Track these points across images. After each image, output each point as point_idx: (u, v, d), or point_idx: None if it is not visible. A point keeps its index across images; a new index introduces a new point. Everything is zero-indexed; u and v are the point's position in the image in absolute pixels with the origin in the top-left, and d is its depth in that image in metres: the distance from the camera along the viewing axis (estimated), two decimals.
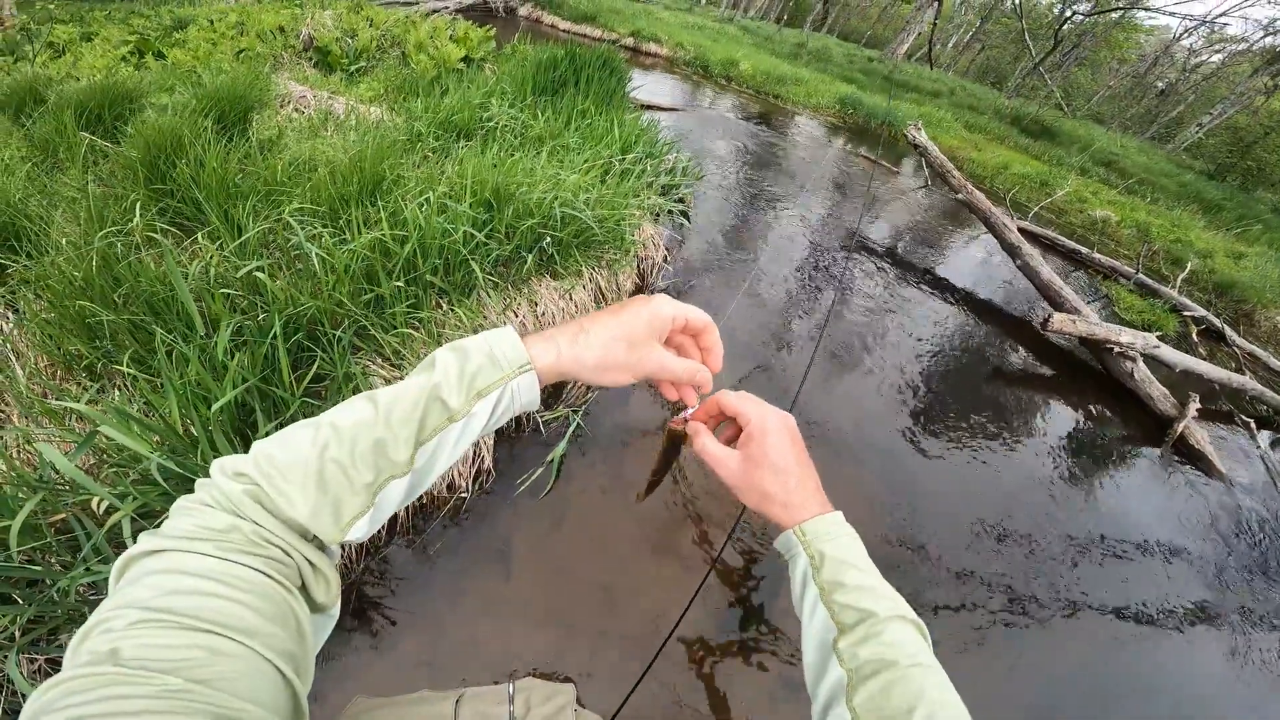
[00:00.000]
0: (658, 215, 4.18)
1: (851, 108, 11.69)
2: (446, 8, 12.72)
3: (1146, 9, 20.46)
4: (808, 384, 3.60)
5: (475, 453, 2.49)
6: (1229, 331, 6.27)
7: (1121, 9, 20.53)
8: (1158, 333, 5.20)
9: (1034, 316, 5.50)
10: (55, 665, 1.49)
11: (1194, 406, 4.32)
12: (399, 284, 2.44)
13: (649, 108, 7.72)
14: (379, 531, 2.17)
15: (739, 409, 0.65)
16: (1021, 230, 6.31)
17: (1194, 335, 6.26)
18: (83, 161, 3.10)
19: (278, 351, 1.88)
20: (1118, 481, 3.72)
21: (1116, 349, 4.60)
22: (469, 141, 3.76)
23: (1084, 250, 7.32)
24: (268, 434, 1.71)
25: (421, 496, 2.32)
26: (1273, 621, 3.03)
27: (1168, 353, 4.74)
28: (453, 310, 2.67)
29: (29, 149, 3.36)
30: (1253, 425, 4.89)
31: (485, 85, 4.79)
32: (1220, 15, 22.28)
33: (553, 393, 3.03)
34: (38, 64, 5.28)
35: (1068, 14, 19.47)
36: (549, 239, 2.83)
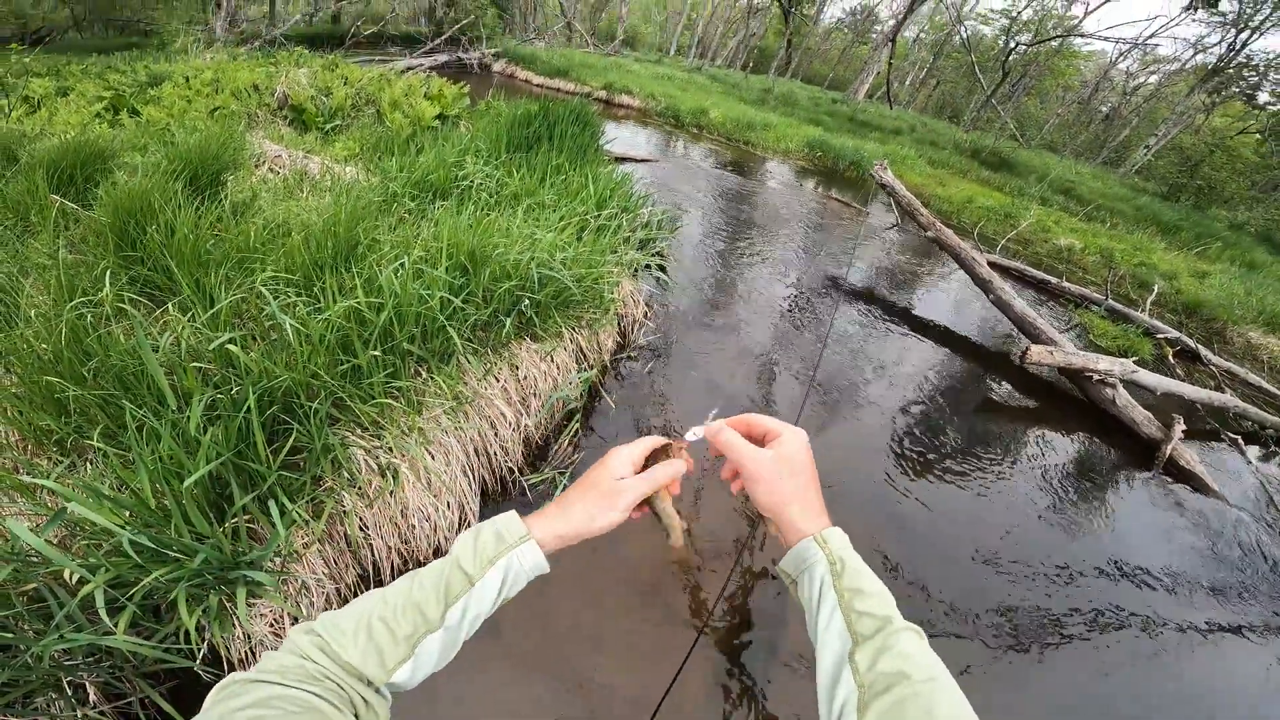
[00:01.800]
0: (636, 271, 4.19)
1: (820, 150, 12.09)
2: (422, 65, 13.02)
3: (1081, 35, 21.81)
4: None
5: (462, 516, 2.44)
6: (1204, 351, 6.41)
7: (1059, 37, 21.84)
8: (1134, 357, 5.30)
9: (1012, 349, 5.60)
10: None
11: (1179, 428, 4.35)
12: (376, 353, 2.36)
13: (623, 160, 7.88)
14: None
15: (769, 424, 0.75)
16: (991, 264, 6.46)
17: (1170, 357, 6.38)
18: (54, 225, 3.02)
19: (252, 426, 1.82)
20: (1112, 507, 3.72)
21: (1096, 377, 4.65)
22: (445, 201, 3.75)
23: (1053, 280, 7.52)
24: (244, 508, 1.63)
25: (406, 558, 2.27)
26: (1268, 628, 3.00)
27: (1146, 377, 4.81)
28: (432, 378, 2.60)
29: (1, 210, 3.28)
30: (1240, 441, 4.95)
31: (460, 143, 4.83)
32: (1150, 37, 23.80)
33: (538, 454, 2.96)
34: (13, 119, 5.21)
35: (1012, 45, 20.62)
36: (527, 302, 2.78)
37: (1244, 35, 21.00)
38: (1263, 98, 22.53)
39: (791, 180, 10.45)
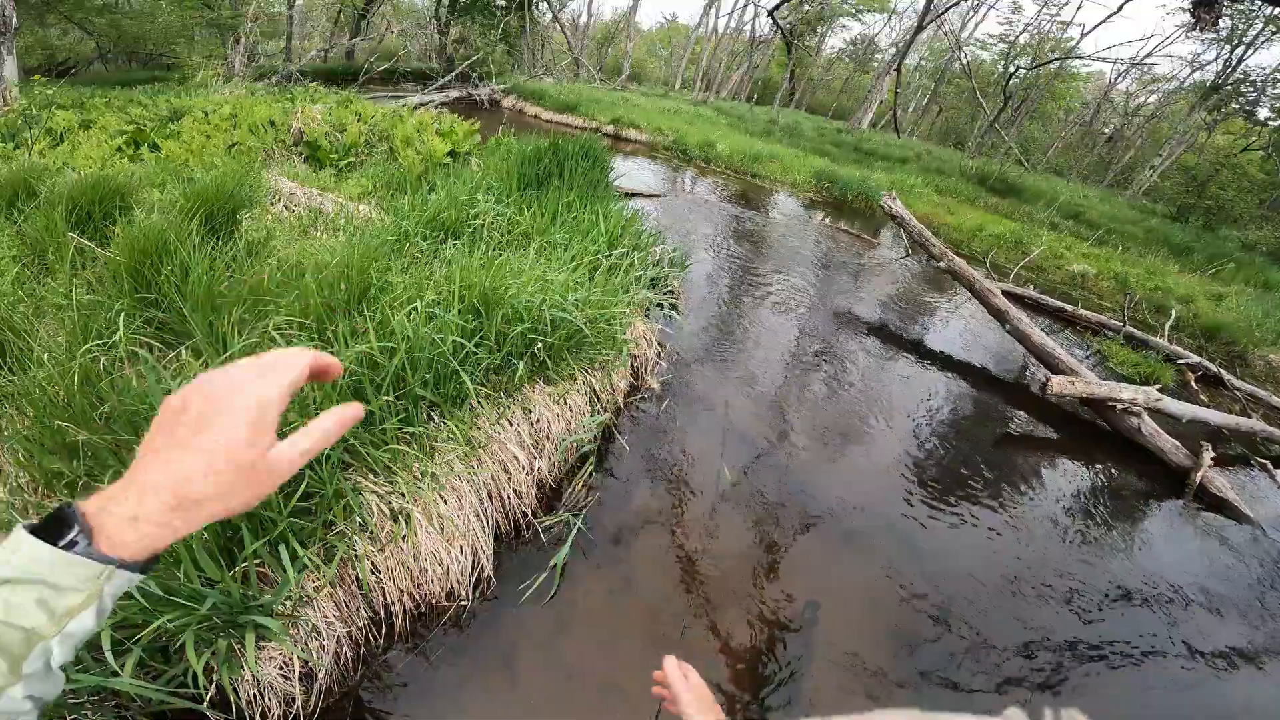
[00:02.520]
0: (648, 310, 4.16)
1: (828, 181, 12.16)
2: (433, 101, 13.33)
3: (1079, 57, 22.06)
4: (814, 469, 3.47)
5: (475, 560, 2.42)
6: (1226, 376, 6.26)
7: (1057, 59, 22.07)
8: (1157, 385, 5.16)
9: (1030, 380, 5.49)
10: None
11: (1209, 455, 4.23)
12: (389, 398, 2.34)
13: (632, 195, 7.95)
14: (377, 637, 2.13)
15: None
16: (1005, 293, 6.39)
17: (1192, 383, 6.24)
18: (70, 265, 3.03)
19: None
20: (1145, 537, 3.61)
21: (1120, 406, 4.53)
22: (456, 240, 3.76)
23: (1068, 308, 7.43)
24: (254, 553, 1.62)
25: (419, 603, 2.25)
26: None
27: (1171, 404, 4.69)
28: (444, 423, 2.56)
29: (20, 247, 3.30)
30: (1269, 466, 4.80)
31: (471, 180, 4.87)
32: (1147, 56, 23.97)
33: (552, 496, 2.90)
34: (35, 151, 5.31)
35: (1011, 69, 20.86)
36: (540, 344, 2.75)
37: (1239, 51, 21.16)
38: (1263, 113, 22.58)
39: (800, 212, 10.50)
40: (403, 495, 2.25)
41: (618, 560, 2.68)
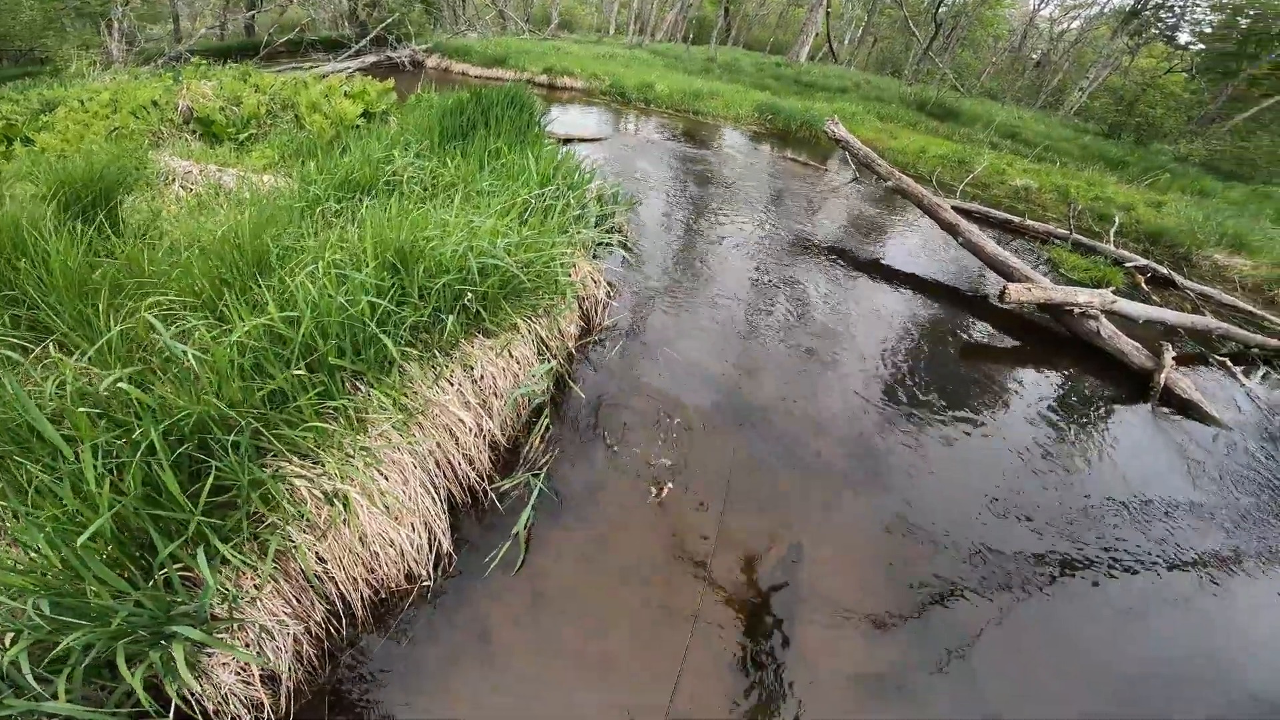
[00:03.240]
0: (595, 251, 3.91)
1: (770, 113, 11.86)
2: (348, 69, 12.36)
3: None
4: (782, 398, 3.35)
5: (430, 537, 2.27)
6: (1176, 276, 6.41)
7: None
8: (1110, 287, 5.22)
9: (987, 291, 5.49)
10: None
11: (1170, 355, 4.27)
12: (299, 373, 2.07)
13: (570, 140, 7.53)
14: (339, 629, 2.01)
15: None
16: (955, 208, 6.33)
17: (1143, 285, 6.37)
18: None
19: (161, 468, 1.65)
20: (1114, 442, 3.61)
21: (1077, 310, 4.54)
22: (372, 199, 3.41)
23: (1016, 219, 7.47)
24: (172, 556, 1.61)
25: (377, 588, 2.14)
26: None
27: (1127, 305, 4.72)
28: (372, 391, 2.31)
29: None
30: (1229, 363, 4.90)
31: (388, 138, 4.45)
32: None
33: (508, 458, 2.71)
34: None
35: None
36: (470, 295, 2.49)
37: None
38: (1183, 38, 23.07)
39: (746, 145, 10.22)
40: (335, 476, 2.04)
41: (587, 518, 2.53)
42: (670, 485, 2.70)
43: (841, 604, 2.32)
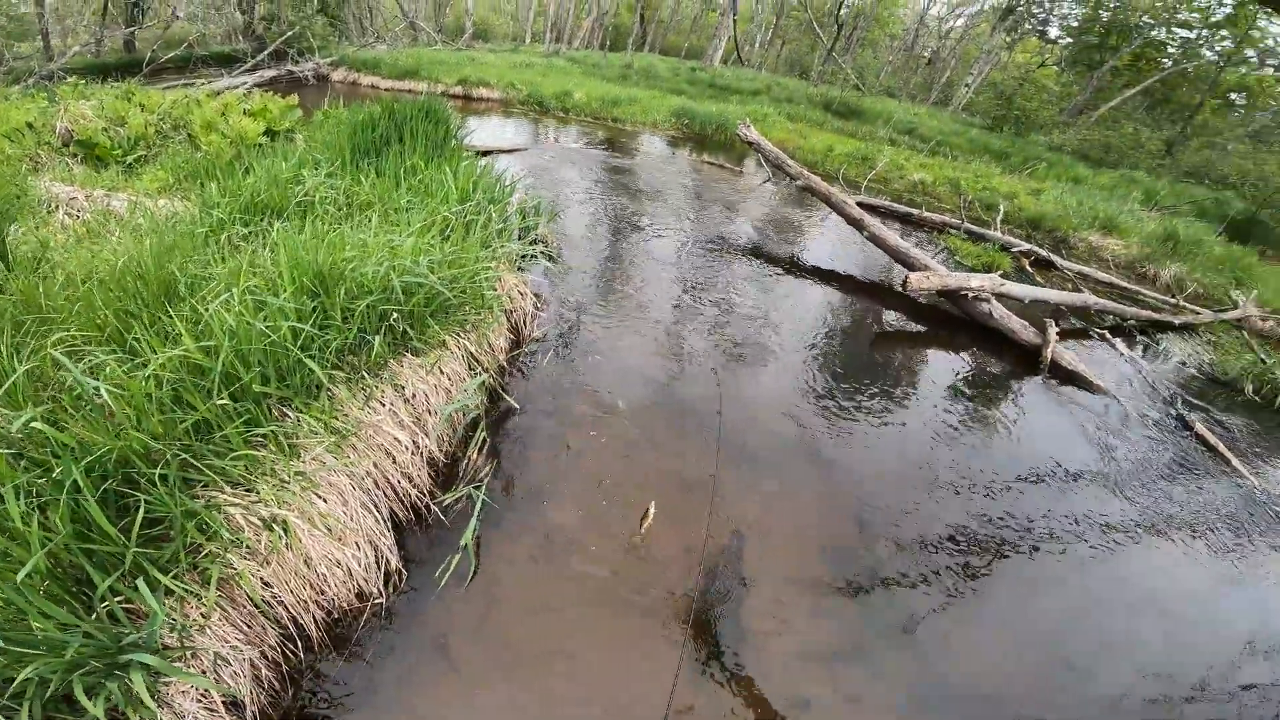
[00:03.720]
0: (520, 264, 3.96)
1: (687, 118, 12.21)
2: (244, 84, 11.69)
3: None
4: (709, 394, 3.53)
5: (378, 555, 2.28)
6: (1056, 258, 7.15)
7: None
8: (999, 271, 5.78)
9: (894, 280, 5.94)
10: None
11: (1053, 330, 4.77)
12: (223, 402, 2.04)
13: (489, 152, 7.50)
14: (296, 652, 2.00)
15: None
16: (860, 204, 6.80)
17: (1027, 267, 7.07)
18: None
19: (87, 505, 1.64)
20: (1017, 417, 3.99)
21: (971, 294, 5.01)
22: (284, 221, 3.32)
23: (915, 212, 8.09)
24: (113, 589, 1.63)
25: (329, 609, 2.12)
26: (1186, 519, 3.34)
27: (1014, 288, 5.25)
28: (302, 416, 2.28)
29: None
30: (1108, 335, 5.55)
31: (294, 156, 4.32)
32: None
33: (447, 473, 2.73)
34: None
35: None
36: (395, 315, 2.50)
37: None
38: (1053, 32, 25.60)
39: (665, 151, 10.50)
40: (271, 502, 2.03)
41: (532, 525, 2.59)
42: (609, 480, 2.81)
43: (783, 578, 2.50)
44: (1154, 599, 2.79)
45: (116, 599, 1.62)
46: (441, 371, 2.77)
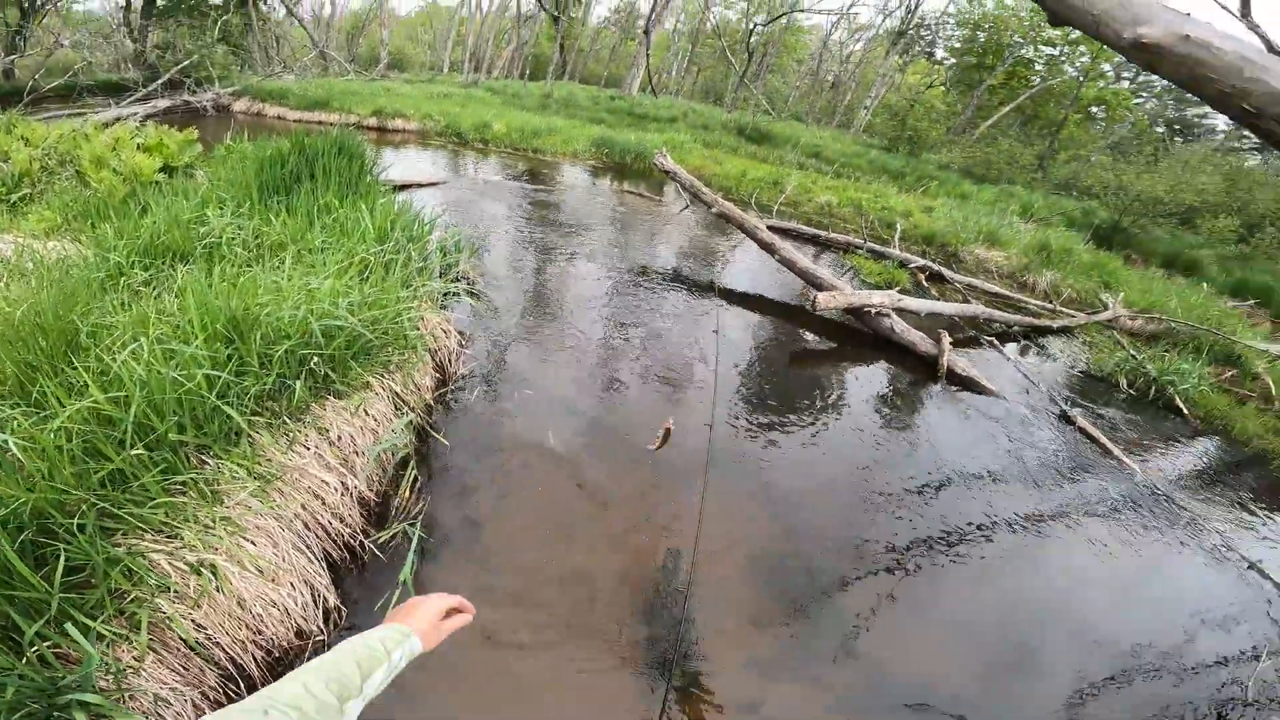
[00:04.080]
0: (443, 302, 4.02)
1: (606, 148, 12.58)
2: (135, 115, 10.99)
3: (801, 10, 25.53)
4: (636, 420, 3.70)
5: (314, 594, 2.28)
6: (946, 271, 7.88)
7: (784, 14, 25.24)
8: (897, 287, 6.35)
9: (805, 300, 6.40)
10: None
11: (946, 340, 5.26)
12: (137, 452, 2.01)
13: (406, 187, 7.46)
14: (239, 692, 2.01)
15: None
16: (771, 228, 7.27)
17: (923, 281, 7.75)
18: None
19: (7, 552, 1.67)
20: (924, 424, 4.36)
21: (873, 310, 5.48)
22: (188, 265, 3.24)
23: (822, 234, 8.72)
24: (38, 634, 1.65)
25: (268, 649, 2.14)
26: (1080, 506, 3.72)
27: (911, 302, 5.77)
28: (222, 463, 2.26)
29: None
30: (996, 342, 6.16)
31: (197, 194, 4.19)
32: (851, 6, 28.52)
33: (379, 512, 2.74)
34: None
35: (751, 26, 23.33)
36: (315, 359, 2.53)
37: None
38: (940, 53, 28.27)
39: (586, 181, 10.77)
40: (197, 547, 2.02)
41: (469, 556, 2.64)
42: (543, 509, 2.91)
43: (715, 594, 2.63)
44: (1073, 585, 3.09)
45: (45, 644, 1.63)
46: (367, 413, 2.79)
